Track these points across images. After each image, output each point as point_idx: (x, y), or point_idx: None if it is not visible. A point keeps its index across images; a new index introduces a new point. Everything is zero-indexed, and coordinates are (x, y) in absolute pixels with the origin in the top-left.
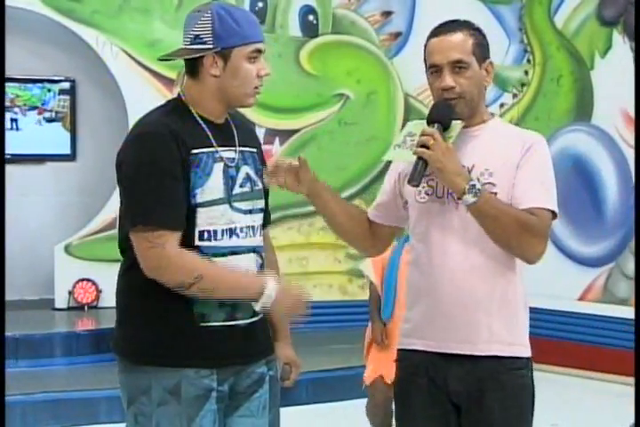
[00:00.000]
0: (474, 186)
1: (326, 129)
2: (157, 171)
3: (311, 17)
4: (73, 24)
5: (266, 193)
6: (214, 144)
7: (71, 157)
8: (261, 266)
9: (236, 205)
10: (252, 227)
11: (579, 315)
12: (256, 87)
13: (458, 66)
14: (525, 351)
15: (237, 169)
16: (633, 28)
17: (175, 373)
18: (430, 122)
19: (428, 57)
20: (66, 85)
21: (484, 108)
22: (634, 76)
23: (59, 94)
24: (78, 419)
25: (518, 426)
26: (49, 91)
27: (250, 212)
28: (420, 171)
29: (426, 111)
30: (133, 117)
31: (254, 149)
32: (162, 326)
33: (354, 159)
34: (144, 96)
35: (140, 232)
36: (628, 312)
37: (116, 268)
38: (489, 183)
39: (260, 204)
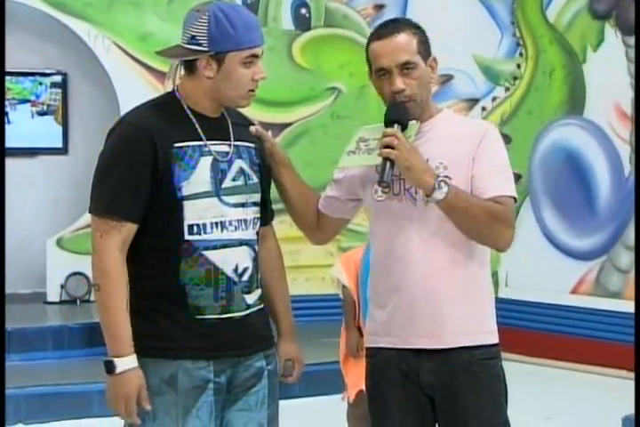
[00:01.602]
0: (442, 182)
1: (319, 122)
2: (115, 161)
3: (304, 10)
4: (65, 17)
5: (265, 188)
6: (203, 138)
7: (63, 150)
8: (254, 259)
9: (226, 198)
10: (245, 220)
11: (571, 308)
12: (251, 90)
13: (406, 67)
14: (493, 338)
15: (230, 163)
16: (625, 21)
17: (172, 364)
18: (389, 123)
19: (373, 61)
20: (57, 79)
21: (432, 104)
22: (634, 74)
23: (50, 87)
24: (70, 413)
25: (494, 413)
26: (40, 84)
27: (242, 205)
28: (390, 171)
29: None
30: (125, 111)
31: (252, 145)
32: (159, 318)
33: None
34: (136, 89)
35: (92, 216)
36: (620, 305)
37: None
38: (445, 177)
39: (255, 197)
